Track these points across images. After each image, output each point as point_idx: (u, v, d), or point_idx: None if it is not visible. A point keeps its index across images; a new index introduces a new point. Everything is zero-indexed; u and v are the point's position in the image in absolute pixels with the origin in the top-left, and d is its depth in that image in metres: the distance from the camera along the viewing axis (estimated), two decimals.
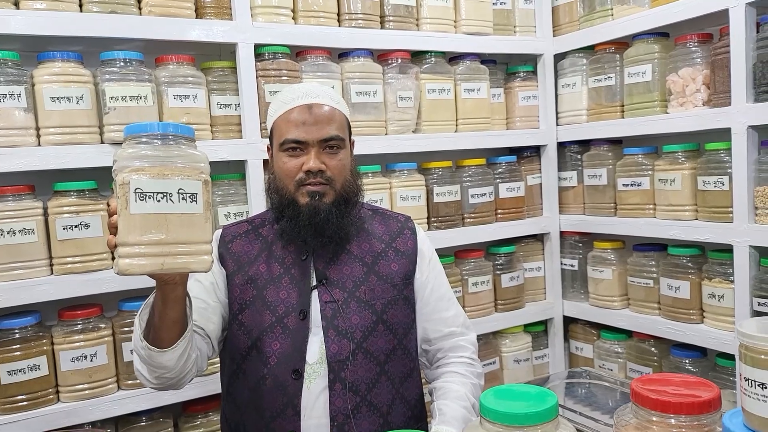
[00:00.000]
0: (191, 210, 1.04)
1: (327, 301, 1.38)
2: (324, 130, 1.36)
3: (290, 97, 1.39)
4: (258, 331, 1.37)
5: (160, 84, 1.77)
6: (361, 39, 2.04)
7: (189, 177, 1.04)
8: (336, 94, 1.46)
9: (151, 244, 1.01)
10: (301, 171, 1.35)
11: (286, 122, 1.37)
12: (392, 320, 1.41)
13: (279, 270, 1.41)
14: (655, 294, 2.16)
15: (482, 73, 2.30)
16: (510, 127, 2.46)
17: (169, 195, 1.03)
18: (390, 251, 1.46)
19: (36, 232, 1.63)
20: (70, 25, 1.63)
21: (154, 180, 1.02)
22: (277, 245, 1.44)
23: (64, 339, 1.67)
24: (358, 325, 1.37)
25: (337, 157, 1.37)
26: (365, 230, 1.47)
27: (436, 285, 1.49)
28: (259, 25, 1.88)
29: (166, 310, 1.16)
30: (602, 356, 2.36)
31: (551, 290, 2.52)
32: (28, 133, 1.61)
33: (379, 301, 1.40)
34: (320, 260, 1.41)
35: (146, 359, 1.21)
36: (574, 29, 2.38)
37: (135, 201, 1.01)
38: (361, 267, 1.42)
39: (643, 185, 2.15)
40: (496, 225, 2.35)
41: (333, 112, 1.39)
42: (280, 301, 1.38)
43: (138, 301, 1.74)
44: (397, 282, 1.43)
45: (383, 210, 1.57)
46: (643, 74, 2.11)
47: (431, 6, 2.18)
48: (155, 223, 1.01)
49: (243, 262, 1.43)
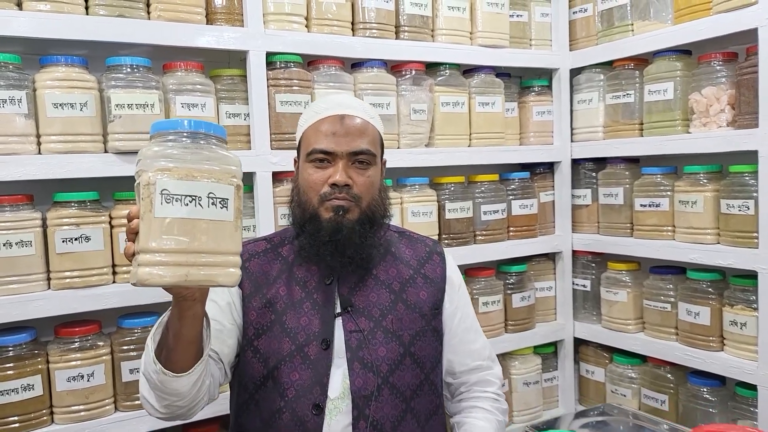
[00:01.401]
0: (221, 217, 0.96)
1: (352, 330, 1.29)
2: (354, 143, 1.28)
3: (323, 107, 1.32)
4: (275, 359, 1.28)
5: (168, 92, 1.69)
6: (376, 49, 1.98)
7: (220, 180, 0.96)
8: (372, 109, 1.39)
9: (176, 252, 0.92)
10: (326, 184, 1.28)
11: (316, 132, 1.30)
12: (420, 353, 1.33)
13: (300, 294, 1.33)
14: (672, 318, 2.09)
15: (497, 87, 2.24)
16: (523, 142, 2.39)
17: (198, 199, 0.94)
18: (419, 278, 1.38)
19: (34, 245, 1.54)
20: (75, 28, 1.55)
21: (182, 181, 0.93)
22: (298, 267, 1.35)
23: (60, 357, 1.58)
24: (385, 358, 1.28)
25: (365, 173, 1.30)
26: (392, 254, 1.39)
27: (464, 315, 1.42)
28: (271, 33, 1.81)
29: (182, 329, 1.06)
30: (615, 381, 2.29)
31: (562, 311, 2.45)
32: (28, 141, 1.53)
33: (406, 331, 1.32)
34: (345, 285, 1.33)
35: (157, 384, 1.11)
36: (592, 44, 2.32)
37: (161, 203, 0.92)
38: (389, 294, 1.34)
39: (662, 206, 2.09)
40: (508, 243, 2.28)
41: (366, 126, 1.31)
42: (300, 328, 1.30)
43: (139, 318, 1.67)
44: (426, 312, 1.35)
45: (410, 232, 1.50)
46: (664, 92, 2.05)
47: (447, 17, 2.11)
48: (181, 229, 0.93)
49: (261, 284, 1.34)
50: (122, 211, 1.64)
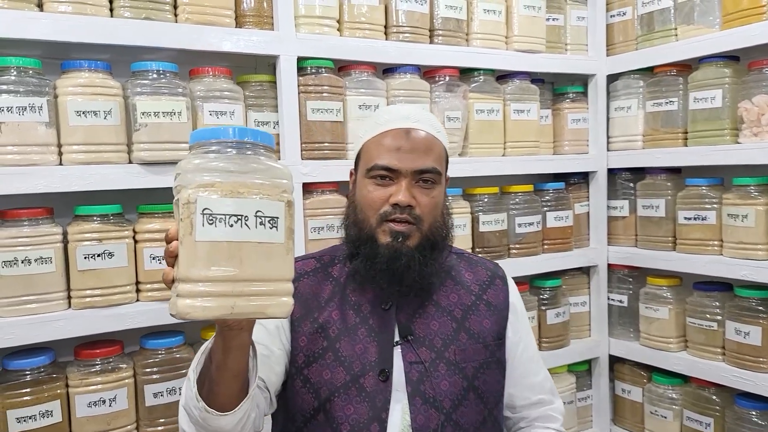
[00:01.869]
0: (271, 238, 0.85)
1: (412, 361, 1.19)
2: (420, 160, 1.18)
3: (386, 119, 1.22)
4: (328, 390, 1.18)
5: (195, 99, 1.60)
6: (409, 54, 1.88)
7: (269, 196, 0.85)
8: (438, 122, 1.28)
9: (221, 281, 0.82)
10: (387, 203, 1.18)
11: (378, 146, 1.20)
12: (483, 387, 1.23)
13: (354, 319, 1.22)
14: (718, 338, 1.99)
15: (533, 93, 2.14)
16: (557, 151, 2.29)
17: (245, 218, 0.83)
18: (481, 304, 1.28)
19: (54, 261, 1.45)
20: (99, 31, 1.46)
21: (226, 199, 0.83)
22: (351, 289, 1.25)
23: (81, 381, 1.48)
24: (448, 393, 1.18)
25: (430, 194, 1.20)
26: (452, 278, 1.29)
27: (526, 345, 1.32)
28: (303, 37, 1.71)
29: (227, 360, 0.96)
30: (654, 401, 2.18)
31: (597, 327, 2.35)
32: (49, 151, 1.44)
33: (470, 364, 1.22)
34: (403, 311, 1.23)
35: (199, 421, 1.00)
36: (630, 49, 2.22)
37: (202, 225, 0.82)
38: (451, 322, 1.24)
39: (709, 219, 1.99)
40: (543, 257, 2.18)
41: (433, 141, 1.21)
42: (355, 357, 1.19)
43: (163, 338, 1.58)
44: (490, 342, 1.25)
45: (468, 254, 1.40)
46: (711, 100, 1.96)
47: (482, 20, 2.02)
48: (227, 255, 0.82)
49: (312, 307, 1.24)
50: (147, 225, 1.55)
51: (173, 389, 1.57)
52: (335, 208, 1.78)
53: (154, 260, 1.54)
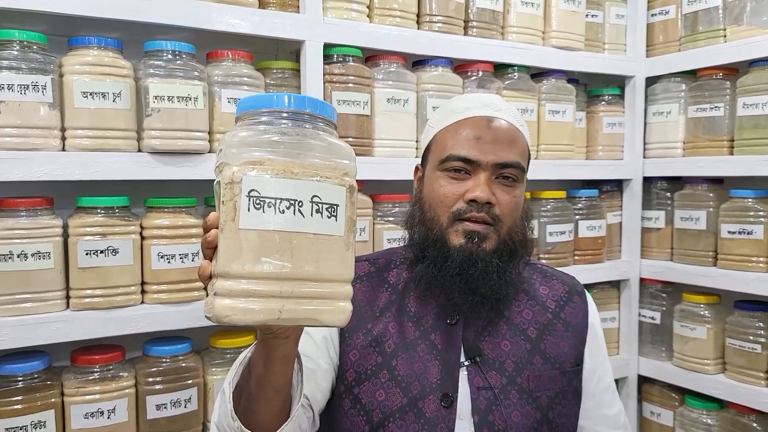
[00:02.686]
0: (329, 230, 0.72)
1: (480, 386, 1.05)
2: (503, 153, 1.05)
3: (463, 106, 1.09)
4: (381, 413, 1.04)
5: (213, 84, 1.47)
6: (442, 45, 1.75)
7: (328, 179, 0.73)
8: (518, 113, 1.15)
9: (268, 279, 0.70)
10: (461, 199, 1.04)
11: (454, 135, 1.07)
12: (558, 420, 1.08)
13: (414, 333, 1.08)
14: (761, 361, 1.85)
15: (569, 94, 2.01)
16: (590, 156, 2.16)
17: (299, 204, 0.71)
18: (558, 324, 1.14)
19: (52, 257, 1.31)
20: (110, 5, 1.33)
21: (279, 179, 0.70)
22: (410, 298, 1.11)
23: (77, 390, 1.34)
24: (520, 425, 1.04)
25: (512, 192, 1.06)
26: (525, 292, 1.14)
27: (603, 372, 1.18)
28: (330, 22, 1.58)
29: (269, 373, 0.83)
30: (686, 426, 2.05)
31: (626, 345, 2.21)
32: (52, 135, 1.30)
33: (545, 392, 1.07)
34: (471, 328, 1.09)
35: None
36: (672, 50, 2.09)
37: (248, 210, 0.69)
38: (524, 343, 1.10)
39: (755, 234, 1.85)
40: (574, 268, 2.04)
41: (516, 134, 1.08)
42: (414, 377, 1.05)
43: (168, 345, 1.45)
44: (567, 368, 1.11)
45: (542, 265, 1.25)
46: (763, 106, 1.82)
47: (520, 13, 1.89)
48: (276, 247, 0.70)
49: (365, 316, 1.10)
50: (155, 220, 1.41)
51: (178, 401, 1.43)
52: (358, 209, 1.64)
53: (162, 259, 1.40)
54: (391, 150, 1.69)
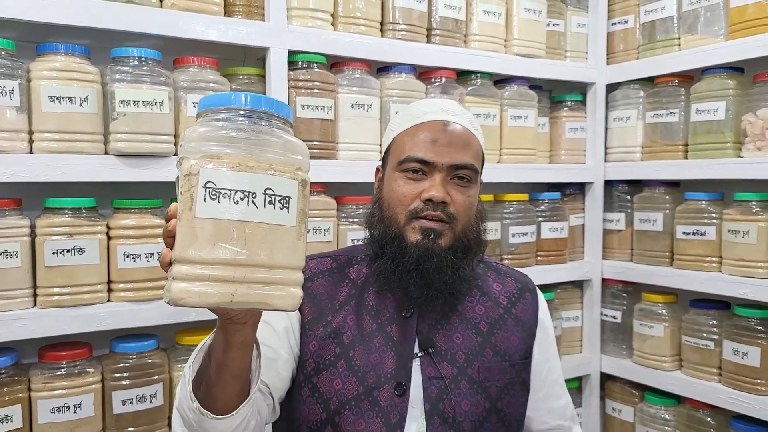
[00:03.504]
0: (281, 220, 0.77)
1: (432, 376, 1.10)
2: (458, 155, 1.10)
3: (421, 111, 1.15)
4: (338, 401, 1.08)
5: (178, 89, 1.52)
6: (406, 53, 1.81)
7: (282, 173, 0.77)
8: (473, 117, 1.21)
9: (221, 265, 0.74)
10: (418, 199, 1.09)
11: (412, 138, 1.12)
12: (507, 410, 1.14)
13: (371, 326, 1.13)
14: (714, 357, 1.92)
15: (530, 100, 2.08)
16: (553, 160, 2.23)
17: (252, 196, 0.75)
18: (509, 319, 1.19)
19: (19, 256, 1.35)
20: (79, 13, 1.37)
21: (233, 172, 0.74)
22: (369, 293, 1.16)
23: (44, 385, 1.38)
24: (469, 413, 1.09)
25: (466, 192, 1.12)
26: (478, 288, 1.20)
27: (552, 366, 1.24)
28: (295, 29, 1.64)
29: (228, 358, 0.87)
30: (646, 422, 2.11)
31: (589, 343, 2.28)
32: (19, 137, 1.35)
33: (494, 383, 1.13)
34: (425, 321, 1.14)
35: (192, 425, 0.91)
36: (631, 58, 2.17)
37: (204, 200, 0.73)
38: (476, 336, 1.15)
39: (708, 235, 1.93)
40: (537, 269, 2.11)
41: (471, 138, 1.14)
42: (370, 367, 1.10)
43: (134, 341, 1.49)
44: (517, 360, 1.16)
45: (496, 263, 1.31)
46: (714, 112, 1.90)
47: (481, 22, 1.95)
48: (230, 234, 0.74)
49: (325, 309, 1.15)
50: (122, 220, 1.46)
51: (143, 396, 1.47)
52: (323, 210, 1.70)
53: (128, 258, 1.45)
54: (355, 153, 1.75)
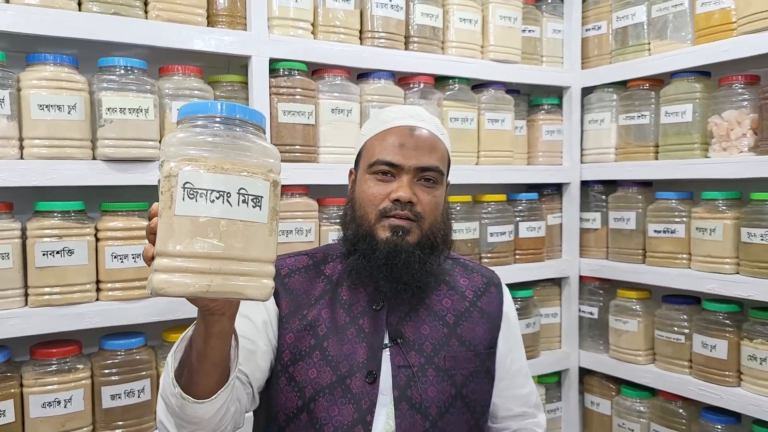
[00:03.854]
0: (253, 217, 0.83)
1: (400, 365, 1.17)
2: (424, 158, 1.18)
3: (391, 117, 1.22)
4: (313, 389, 1.16)
5: (164, 96, 1.58)
6: (384, 59, 1.88)
7: (255, 175, 0.83)
8: (440, 123, 1.28)
9: (198, 258, 0.80)
10: (387, 199, 1.17)
11: (382, 142, 1.19)
12: (472, 396, 1.21)
13: (344, 318, 1.20)
14: (685, 351, 1.99)
15: (507, 103, 2.15)
16: (531, 162, 2.30)
17: (227, 195, 0.81)
18: (475, 311, 1.26)
19: (11, 257, 1.42)
20: (66, 24, 1.44)
21: (209, 174, 0.81)
22: (343, 288, 1.23)
23: (36, 381, 1.45)
24: (435, 399, 1.16)
25: (432, 193, 1.19)
26: (446, 283, 1.27)
27: (516, 356, 1.31)
28: (275, 38, 1.71)
29: (207, 347, 0.93)
30: (622, 414, 2.18)
31: (567, 339, 2.35)
32: (10, 144, 1.41)
33: (459, 371, 1.20)
34: (395, 314, 1.21)
35: (176, 410, 0.97)
36: (605, 62, 2.25)
37: (183, 199, 0.80)
38: (442, 327, 1.22)
39: (678, 233, 2.00)
40: (515, 267, 2.18)
41: (437, 142, 1.21)
42: (343, 357, 1.17)
43: (123, 339, 1.55)
44: (481, 350, 1.24)
45: (465, 259, 1.39)
46: (682, 114, 1.97)
47: (458, 29, 2.02)
48: (206, 230, 0.80)
49: (301, 303, 1.22)
50: (109, 223, 1.52)
51: (132, 391, 1.53)
52: (304, 212, 1.77)
53: (115, 259, 1.51)
54: (336, 157, 1.81)
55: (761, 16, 1.74)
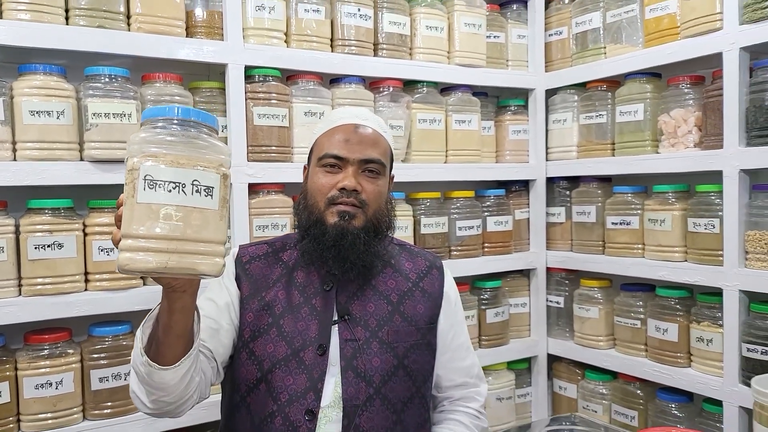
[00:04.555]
0: (205, 205, 0.96)
1: (348, 339, 1.30)
2: (366, 151, 1.32)
3: (338, 116, 1.37)
4: (270, 362, 1.29)
5: (146, 102, 1.71)
6: (354, 65, 2.01)
7: (206, 168, 0.96)
8: (383, 123, 1.42)
9: (157, 239, 0.92)
10: (334, 188, 1.30)
11: (330, 138, 1.33)
12: (413, 366, 1.34)
13: (299, 299, 1.34)
14: (642, 335, 2.12)
15: (474, 105, 2.28)
16: (499, 160, 2.43)
17: (182, 185, 0.94)
18: (417, 291, 1.40)
19: (6, 251, 1.55)
20: (55, 37, 1.57)
21: (166, 168, 0.93)
22: (298, 272, 1.37)
23: (29, 365, 1.57)
24: (378, 369, 1.30)
25: (375, 182, 1.33)
26: (392, 266, 1.41)
27: (458, 332, 1.44)
28: (250, 47, 1.84)
29: (171, 321, 1.06)
30: (586, 397, 2.31)
31: (536, 327, 2.47)
32: (4, 147, 1.54)
33: (401, 344, 1.33)
34: (344, 293, 1.34)
35: (145, 378, 1.10)
36: (566, 66, 2.38)
37: (143, 189, 0.92)
38: (386, 305, 1.36)
39: (633, 224, 2.13)
40: (483, 259, 2.31)
41: (378, 137, 1.35)
42: (297, 333, 1.30)
43: (110, 326, 1.68)
44: (422, 325, 1.37)
45: (410, 246, 1.52)
46: (634, 113, 2.11)
47: (425, 36, 2.16)
48: (164, 216, 0.93)
49: (260, 286, 1.35)
50: (96, 219, 1.65)
51: (119, 374, 1.66)
52: (280, 208, 1.90)
53: (102, 252, 1.64)
54: None
55: (702, 20, 1.87)
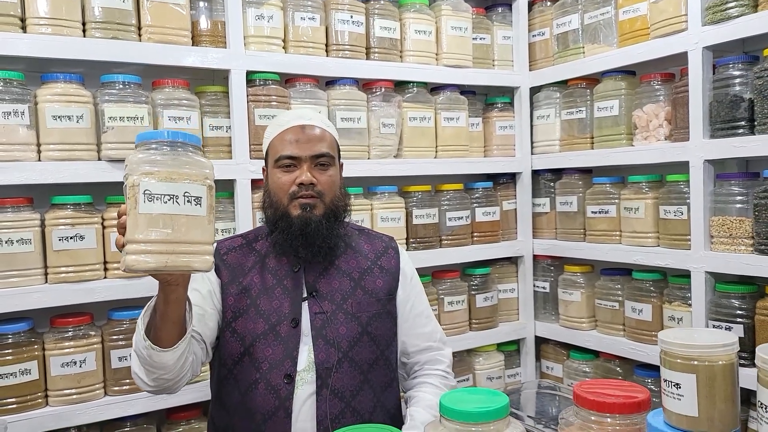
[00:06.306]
0: (195, 212, 1.12)
1: (317, 312, 1.47)
2: (315, 147, 1.48)
3: (285, 120, 1.52)
4: (251, 338, 1.46)
5: (156, 106, 1.88)
6: (348, 68, 2.17)
7: (195, 182, 1.12)
8: (326, 120, 1.59)
9: (157, 242, 1.08)
10: (294, 184, 1.46)
11: (281, 141, 1.49)
12: (376, 332, 1.51)
13: (272, 281, 1.50)
14: (620, 316, 2.27)
15: (461, 103, 2.44)
16: (487, 154, 2.58)
17: (176, 197, 1.10)
18: (375, 268, 1.57)
19: (33, 243, 1.71)
20: (73, 48, 1.74)
21: (162, 183, 1.09)
22: (270, 258, 1.53)
23: (55, 345, 1.75)
24: (345, 336, 1.47)
25: (327, 173, 1.49)
26: (352, 248, 1.58)
27: (416, 302, 1.60)
28: (251, 53, 2.00)
29: (167, 310, 1.23)
30: (571, 375, 2.46)
31: (524, 311, 2.63)
32: (30, 149, 1.71)
33: (364, 314, 1.50)
34: (311, 273, 1.51)
35: (146, 359, 1.28)
36: (549, 64, 2.53)
37: (144, 201, 1.08)
38: (349, 282, 1.52)
39: (610, 213, 2.28)
40: (472, 247, 2.46)
41: (324, 133, 1.51)
42: (273, 310, 1.47)
43: (127, 311, 1.84)
44: (382, 297, 1.54)
45: (368, 230, 1.69)
46: (611, 109, 2.26)
47: (414, 39, 2.31)
48: (161, 223, 1.09)
49: (237, 273, 1.52)
50: (113, 213, 1.82)
51: None
52: None
53: None
54: None
55: (669, 22, 2.02)
